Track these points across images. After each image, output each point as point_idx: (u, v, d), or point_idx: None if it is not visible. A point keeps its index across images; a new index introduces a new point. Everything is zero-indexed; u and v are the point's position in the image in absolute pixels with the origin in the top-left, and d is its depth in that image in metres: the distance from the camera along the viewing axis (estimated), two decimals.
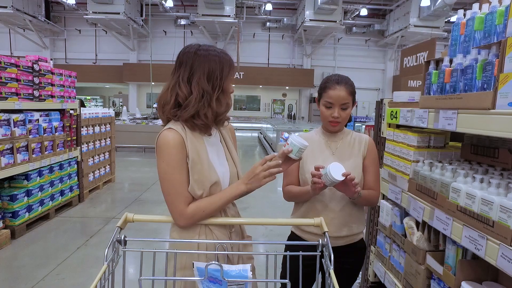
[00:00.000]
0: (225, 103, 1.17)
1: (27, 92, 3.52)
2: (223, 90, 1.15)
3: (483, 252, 1.02)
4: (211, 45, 1.18)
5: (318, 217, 1.12)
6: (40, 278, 2.69)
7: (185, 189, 1.10)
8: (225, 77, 1.15)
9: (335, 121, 1.43)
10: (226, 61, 1.15)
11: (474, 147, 1.46)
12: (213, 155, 1.19)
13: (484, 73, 1.07)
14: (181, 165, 1.10)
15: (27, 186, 3.54)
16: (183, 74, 1.12)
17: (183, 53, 1.15)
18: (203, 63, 1.11)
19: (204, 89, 1.10)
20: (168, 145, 1.09)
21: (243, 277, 0.80)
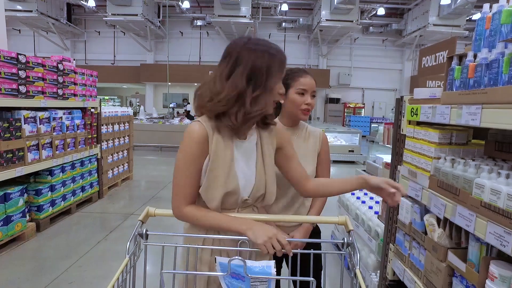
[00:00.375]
0: (263, 103, 1.06)
1: (52, 91, 3.65)
2: (268, 89, 1.06)
3: (510, 248, 1.01)
4: (263, 39, 1.09)
5: (343, 216, 1.13)
6: (64, 269, 2.79)
7: (190, 187, 1.08)
8: (272, 75, 1.05)
9: (307, 108, 1.48)
10: (276, 58, 1.06)
11: (499, 144, 1.43)
12: (240, 161, 1.12)
13: (511, 67, 1.05)
14: (195, 160, 1.07)
15: (51, 182, 3.67)
16: (224, 68, 1.06)
17: (231, 45, 1.09)
18: (248, 58, 1.03)
19: (238, 87, 1.02)
20: (190, 137, 1.06)
21: (266, 273, 0.80)
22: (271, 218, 1.17)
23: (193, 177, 1.08)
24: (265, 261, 0.81)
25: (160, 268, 1.07)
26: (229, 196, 1.09)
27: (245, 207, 1.16)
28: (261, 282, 0.81)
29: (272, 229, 1.00)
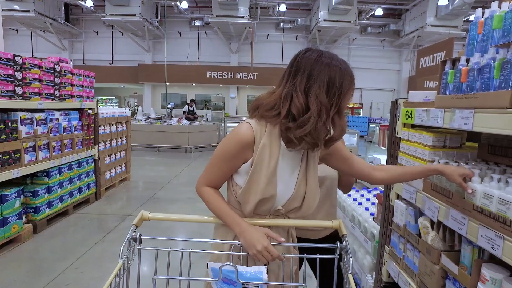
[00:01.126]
0: (339, 125, 1.02)
1: (49, 92, 3.65)
2: (339, 109, 1.01)
3: (500, 252, 1.02)
4: (334, 54, 1.03)
5: (337, 220, 1.13)
6: (60, 271, 2.79)
7: (215, 177, 1.11)
8: (344, 93, 1.00)
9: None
10: (347, 74, 1.00)
11: (492, 147, 1.45)
12: (284, 169, 1.09)
13: (502, 72, 1.06)
14: (230, 159, 1.07)
15: (47, 183, 3.66)
16: (300, 82, 0.99)
17: (300, 57, 1.02)
18: (324, 73, 0.97)
19: (322, 104, 0.96)
20: (235, 136, 1.05)
21: (258, 279, 0.80)
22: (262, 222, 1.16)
23: (223, 172, 1.11)
24: (257, 267, 0.81)
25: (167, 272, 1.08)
26: (264, 202, 1.07)
27: (277, 216, 1.14)
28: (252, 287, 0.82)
29: (262, 240, 1.00)
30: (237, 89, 17.00)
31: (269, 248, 0.98)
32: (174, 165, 7.75)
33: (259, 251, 0.97)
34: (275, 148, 1.06)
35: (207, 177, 1.12)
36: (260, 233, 1.02)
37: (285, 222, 1.14)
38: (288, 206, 1.12)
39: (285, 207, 1.12)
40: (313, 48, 1.04)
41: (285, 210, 1.13)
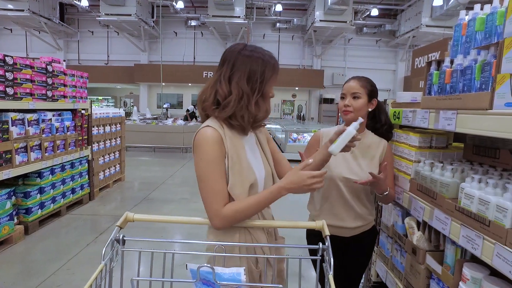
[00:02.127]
0: (264, 108, 1.14)
1: (41, 93, 3.63)
2: (263, 94, 1.13)
3: (480, 251, 1.03)
4: (258, 46, 1.15)
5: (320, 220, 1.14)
6: (51, 272, 2.77)
7: (222, 189, 1.06)
8: (266, 80, 1.12)
9: (347, 110, 1.53)
10: (269, 64, 1.12)
11: (476, 148, 1.46)
12: (251, 155, 1.17)
13: (482, 73, 1.07)
14: (219, 163, 1.07)
15: (40, 184, 3.64)
16: (225, 72, 1.11)
17: (228, 51, 1.14)
18: (245, 63, 1.09)
19: (243, 90, 1.08)
20: (206, 142, 1.06)
21: (236, 280, 0.80)
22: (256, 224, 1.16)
23: (223, 179, 1.08)
24: (235, 268, 0.81)
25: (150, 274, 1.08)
26: (251, 189, 1.11)
27: None
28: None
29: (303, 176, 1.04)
30: None
31: (312, 174, 1.03)
32: (169, 165, 7.73)
33: (312, 183, 1.03)
34: (238, 137, 1.14)
35: (218, 198, 1.05)
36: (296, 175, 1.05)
37: (270, 223, 1.15)
38: (266, 186, 1.18)
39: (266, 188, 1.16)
40: (240, 43, 1.16)
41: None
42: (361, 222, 1.56)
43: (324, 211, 1.58)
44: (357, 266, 1.67)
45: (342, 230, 1.56)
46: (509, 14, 0.96)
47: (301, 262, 1.03)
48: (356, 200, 1.55)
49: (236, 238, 1.12)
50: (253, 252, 1.12)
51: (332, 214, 1.56)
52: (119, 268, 1.10)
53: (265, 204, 1.08)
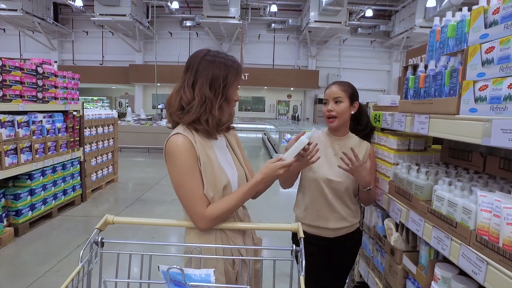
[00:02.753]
0: (227, 112, 1.16)
1: (31, 94, 3.63)
2: (226, 98, 1.15)
3: (448, 252, 1.06)
4: (220, 52, 1.18)
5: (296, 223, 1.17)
6: (41, 274, 2.78)
7: (201, 192, 1.10)
8: (229, 84, 1.14)
9: (330, 114, 1.56)
10: (232, 68, 1.14)
11: (452, 151, 1.49)
12: (222, 159, 1.19)
13: (451, 79, 1.10)
14: (194, 168, 1.10)
15: (30, 186, 3.64)
16: (188, 79, 1.13)
17: (191, 57, 1.17)
18: (207, 69, 1.11)
19: (206, 96, 1.10)
20: (178, 149, 1.08)
21: (206, 281, 0.83)
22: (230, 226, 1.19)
23: (199, 182, 1.10)
24: (205, 269, 0.84)
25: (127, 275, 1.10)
26: (225, 190, 1.14)
27: None
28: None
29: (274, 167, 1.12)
30: None
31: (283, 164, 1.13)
32: (163, 166, 7.69)
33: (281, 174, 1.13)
34: (207, 142, 1.17)
35: (199, 201, 1.09)
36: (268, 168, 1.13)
37: (247, 225, 1.18)
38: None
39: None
40: (204, 49, 1.18)
41: None
42: (345, 223, 1.59)
43: (309, 213, 1.61)
44: (341, 267, 1.70)
45: (326, 231, 1.59)
46: (472, 23, 0.99)
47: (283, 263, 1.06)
48: (339, 202, 1.58)
49: (213, 239, 1.14)
50: (229, 253, 1.15)
51: (316, 216, 1.59)
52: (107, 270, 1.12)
53: (245, 199, 1.15)
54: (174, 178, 1.10)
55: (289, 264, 1.07)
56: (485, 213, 0.93)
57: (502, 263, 0.83)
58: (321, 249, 1.63)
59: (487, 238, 0.90)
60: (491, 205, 0.90)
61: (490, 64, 0.91)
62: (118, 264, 1.12)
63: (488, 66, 0.91)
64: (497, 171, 1.20)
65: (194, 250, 1.08)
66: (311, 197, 1.60)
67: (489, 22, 0.94)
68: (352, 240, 1.66)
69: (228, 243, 1.16)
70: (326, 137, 1.66)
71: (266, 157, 9.41)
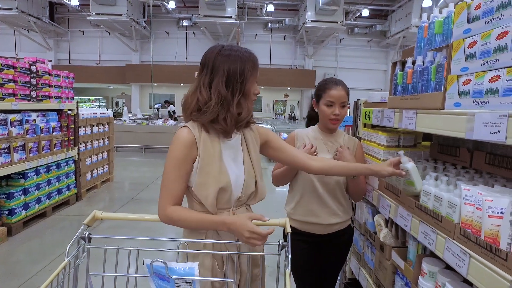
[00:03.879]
0: (246, 107, 1.14)
1: (24, 93, 3.61)
2: (244, 93, 1.13)
3: (434, 246, 1.07)
4: (235, 45, 1.16)
5: (283, 218, 1.17)
6: (34, 273, 2.77)
7: (177, 188, 1.10)
8: (247, 79, 1.11)
9: (336, 119, 1.56)
10: (248, 61, 1.12)
11: (440, 146, 1.50)
12: (228, 158, 1.16)
13: (437, 74, 1.11)
14: (183, 163, 1.10)
15: (24, 185, 3.62)
16: (204, 78, 1.12)
17: (206, 54, 1.15)
18: (223, 65, 1.09)
19: (222, 95, 1.08)
20: (177, 141, 1.10)
21: (190, 275, 0.83)
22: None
23: (180, 180, 1.10)
24: (189, 263, 0.84)
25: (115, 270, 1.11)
26: (222, 192, 1.12)
27: (239, 206, 1.20)
28: (185, 283, 0.84)
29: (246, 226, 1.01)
30: None
31: (255, 230, 1.00)
32: (159, 166, 7.71)
33: (248, 237, 1.00)
34: (215, 139, 1.14)
35: (169, 195, 1.10)
36: (242, 220, 1.03)
37: None
38: (246, 191, 1.17)
39: (244, 193, 1.17)
40: (218, 44, 1.15)
41: (245, 198, 1.19)
42: (336, 219, 1.60)
43: (300, 208, 1.61)
44: (333, 264, 1.70)
45: (317, 226, 1.59)
46: (456, 18, 1.00)
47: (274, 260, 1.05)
48: (330, 197, 1.59)
49: (203, 236, 1.15)
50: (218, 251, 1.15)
51: (307, 211, 1.59)
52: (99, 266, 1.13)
53: (205, 227, 1.11)
54: (165, 165, 1.12)
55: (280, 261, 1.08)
56: (468, 207, 0.94)
57: (484, 256, 0.84)
58: (312, 246, 1.63)
59: (470, 231, 0.91)
60: (474, 198, 0.91)
61: (473, 58, 0.91)
62: (106, 259, 1.13)
63: (471, 60, 0.92)
64: (483, 166, 1.21)
65: (182, 246, 1.09)
66: (302, 192, 1.61)
67: (471, 17, 0.95)
68: (343, 237, 1.67)
69: (218, 238, 1.15)
70: (317, 134, 1.66)
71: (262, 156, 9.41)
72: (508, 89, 0.78)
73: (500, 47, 0.82)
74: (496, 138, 0.80)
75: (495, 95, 0.83)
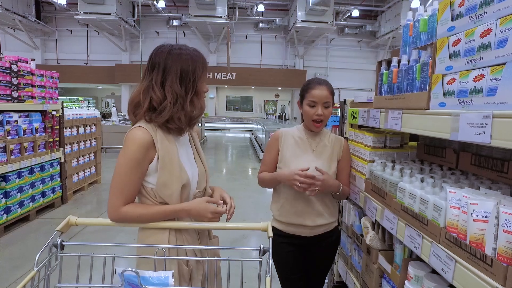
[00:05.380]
0: (198, 105, 1.15)
1: (5, 93, 3.50)
2: (197, 91, 1.14)
3: (420, 250, 1.04)
4: (183, 45, 1.16)
5: (266, 222, 1.14)
6: (14, 279, 2.67)
7: (128, 189, 1.07)
8: (198, 77, 1.13)
9: (319, 119, 1.52)
10: (198, 60, 1.13)
11: (427, 147, 1.48)
12: (183, 156, 1.17)
13: (422, 73, 1.08)
14: (138, 165, 1.07)
15: (5, 188, 3.51)
16: (156, 77, 1.10)
17: (155, 54, 1.13)
18: (176, 64, 1.09)
19: (177, 93, 1.08)
20: (133, 142, 1.06)
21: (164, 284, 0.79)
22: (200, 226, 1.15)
23: (136, 182, 1.09)
24: (164, 272, 0.80)
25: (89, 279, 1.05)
26: (184, 189, 1.12)
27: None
28: None
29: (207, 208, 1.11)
30: (216, 89, 16.90)
31: (216, 210, 1.12)
32: None
33: (211, 218, 1.11)
34: (170, 139, 1.14)
35: (122, 196, 1.07)
36: (202, 205, 1.11)
37: (215, 225, 1.13)
38: (200, 186, 1.20)
39: (199, 188, 1.20)
40: (165, 44, 1.15)
41: (201, 192, 1.21)
42: (322, 220, 1.57)
43: (285, 210, 1.58)
44: (320, 267, 1.67)
45: (303, 228, 1.56)
46: (440, 16, 0.97)
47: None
48: (316, 198, 1.56)
49: (166, 238, 1.12)
50: (184, 253, 1.12)
51: (293, 212, 1.56)
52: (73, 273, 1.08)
53: (162, 218, 1.11)
54: (116, 165, 1.08)
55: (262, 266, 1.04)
56: (454, 210, 0.91)
57: (469, 261, 0.81)
58: (298, 249, 1.60)
59: (456, 236, 0.88)
60: (460, 201, 0.88)
61: (457, 57, 0.88)
62: (79, 268, 1.07)
63: (455, 59, 0.89)
64: (469, 167, 1.19)
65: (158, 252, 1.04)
66: (288, 194, 1.57)
67: (455, 15, 0.92)
68: (330, 239, 1.64)
69: (182, 241, 1.13)
70: (303, 133, 1.63)
71: (253, 156, 9.38)
72: (493, 89, 0.75)
73: (483, 45, 0.79)
74: (480, 139, 0.77)
75: (480, 94, 0.80)
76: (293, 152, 1.58)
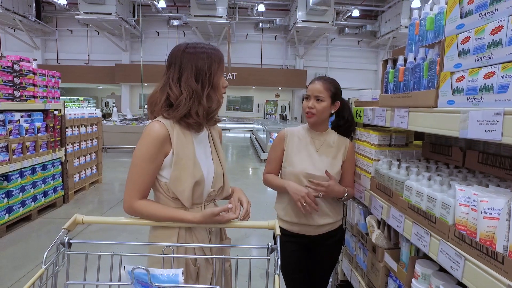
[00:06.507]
0: (216, 99, 1.16)
1: (7, 93, 3.50)
2: (213, 86, 1.15)
3: (427, 248, 1.04)
4: (199, 42, 1.18)
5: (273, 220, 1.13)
6: (16, 279, 2.67)
7: (141, 183, 1.09)
8: (214, 72, 1.15)
9: (310, 112, 1.54)
10: (214, 56, 1.15)
11: (432, 146, 1.48)
12: (200, 153, 1.18)
13: (429, 71, 1.08)
14: (153, 158, 1.08)
15: (7, 187, 3.51)
16: (173, 75, 1.13)
17: (172, 52, 1.17)
18: (191, 62, 1.12)
19: (193, 89, 1.11)
20: (150, 135, 1.08)
21: (174, 282, 0.79)
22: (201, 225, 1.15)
23: (150, 174, 1.10)
24: (173, 269, 0.79)
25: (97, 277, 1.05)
26: (197, 187, 1.12)
27: (209, 201, 1.21)
28: None
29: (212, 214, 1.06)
30: None
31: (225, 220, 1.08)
32: None
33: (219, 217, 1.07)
34: (187, 135, 1.15)
35: (136, 188, 1.09)
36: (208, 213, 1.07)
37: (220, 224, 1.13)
38: (215, 186, 1.19)
39: (214, 188, 1.19)
40: (182, 43, 1.18)
41: (215, 192, 1.20)
42: (327, 219, 1.57)
43: (290, 209, 1.58)
44: (324, 266, 1.67)
45: (308, 228, 1.56)
46: (448, 13, 0.97)
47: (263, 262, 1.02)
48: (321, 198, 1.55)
49: (175, 236, 1.12)
50: (192, 252, 1.12)
51: (298, 212, 1.56)
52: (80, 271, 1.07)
53: (169, 221, 1.11)
54: (133, 157, 1.10)
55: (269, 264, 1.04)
56: (463, 208, 0.91)
57: (479, 258, 0.81)
58: (303, 248, 1.60)
59: (465, 233, 0.88)
60: (469, 199, 0.88)
61: (466, 54, 0.88)
62: (87, 266, 1.07)
63: (465, 56, 0.89)
64: (476, 165, 1.18)
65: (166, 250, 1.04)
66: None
67: (464, 12, 0.92)
68: (334, 238, 1.64)
69: (192, 240, 1.13)
70: (307, 132, 1.64)
71: (254, 156, 9.38)
72: (504, 86, 0.75)
73: (494, 42, 0.79)
74: (491, 137, 0.77)
75: (490, 92, 0.80)
76: (298, 151, 1.59)
